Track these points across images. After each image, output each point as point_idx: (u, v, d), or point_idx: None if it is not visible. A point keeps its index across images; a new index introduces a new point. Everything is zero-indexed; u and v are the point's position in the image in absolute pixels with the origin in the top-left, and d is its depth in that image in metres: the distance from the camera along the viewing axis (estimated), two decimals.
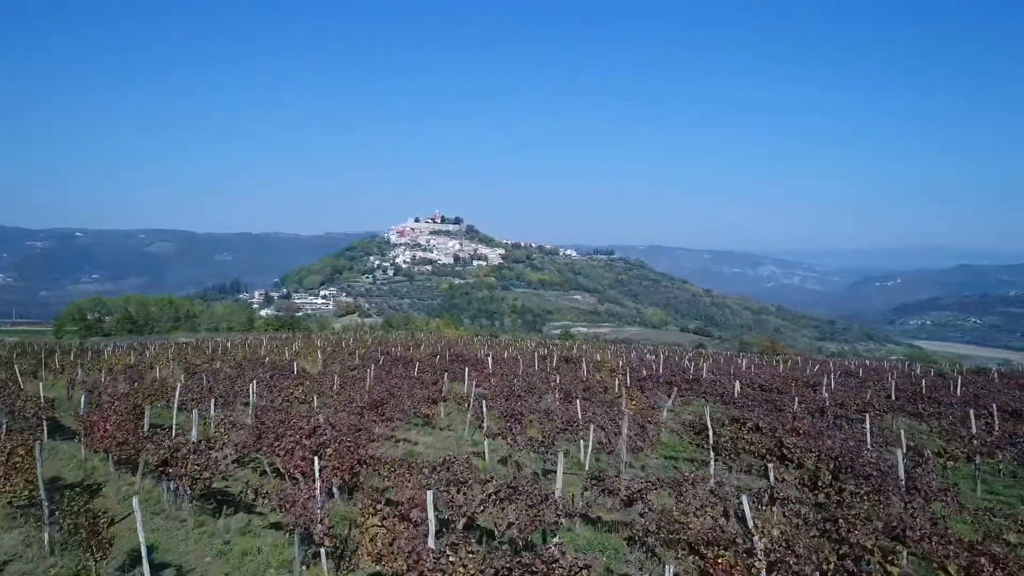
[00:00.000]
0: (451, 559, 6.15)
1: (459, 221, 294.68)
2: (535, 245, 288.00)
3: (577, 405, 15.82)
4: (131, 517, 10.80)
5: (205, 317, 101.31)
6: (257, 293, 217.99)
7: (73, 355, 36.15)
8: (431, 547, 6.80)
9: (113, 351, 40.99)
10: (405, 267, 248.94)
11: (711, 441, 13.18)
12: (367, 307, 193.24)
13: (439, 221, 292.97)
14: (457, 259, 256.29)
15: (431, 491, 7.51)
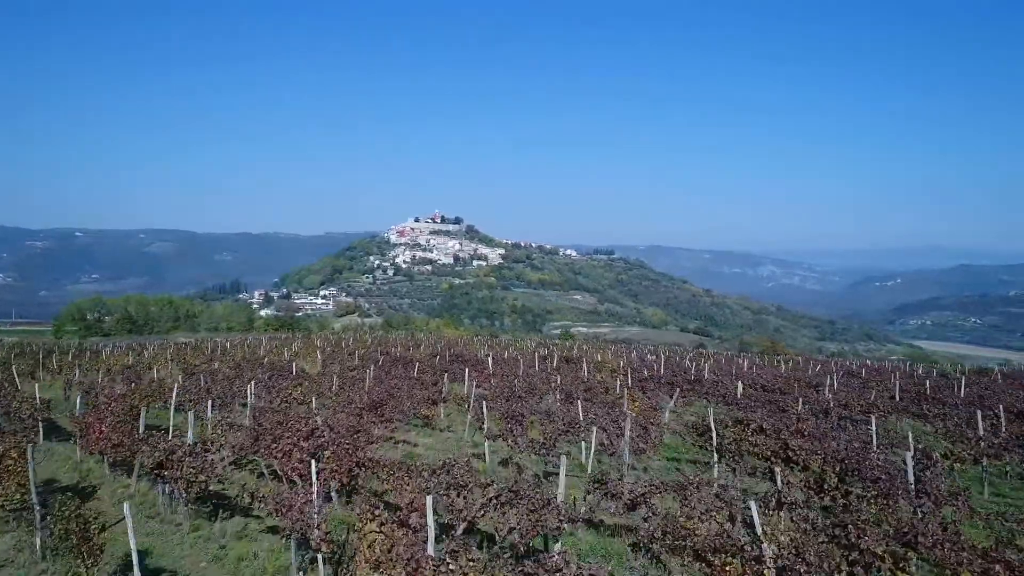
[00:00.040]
0: (451, 567, 5.97)
1: (459, 221, 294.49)
2: (535, 245, 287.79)
3: (578, 406, 15.65)
4: (125, 521, 10.65)
5: (205, 317, 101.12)
6: (257, 293, 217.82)
7: (71, 355, 35.97)
8: (430, 554, 6.63)
9: (112, 351, 40.83)
10: (405, 267, 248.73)
11: (715, 443, 13.00)
12: (367, 307, 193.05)
13: (439, 221, 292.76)
14: (457, 259, 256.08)
15: (430, 496, 7.34)
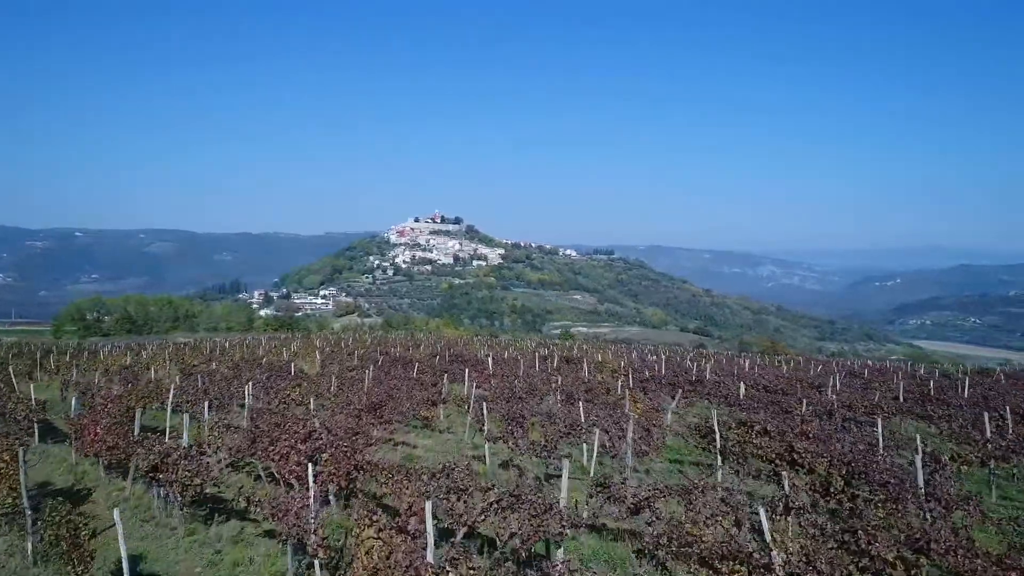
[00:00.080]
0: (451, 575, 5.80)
1: (459, 221, 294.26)
2: (535, 245, 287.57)
3: (580, 407, 15.47)
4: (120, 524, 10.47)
5: (204, 317, 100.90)
6: (257, 293, 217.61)
7: (69, 355, 35.78)
8: (430, 561, 6.45)
9: (110, 352, 40.64)
10: (405, 267, 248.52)
11: (718, 445, 12.82)
12: (367, 307, 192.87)
13: (439, 221, 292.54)
14: (457, 259, 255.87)
15: (430, 501, 7.15)
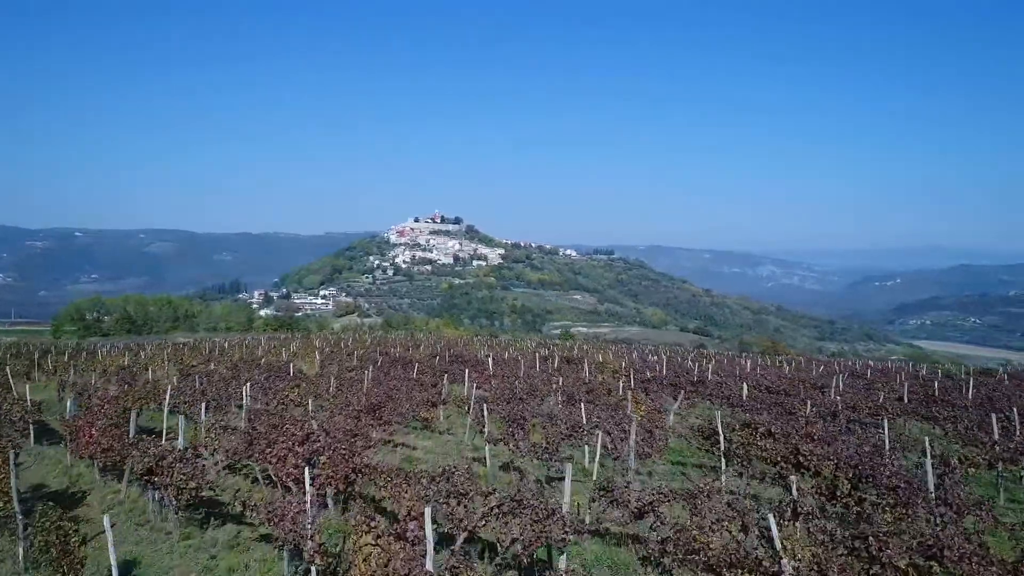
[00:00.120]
0: None
1: (459, 221, 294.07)
2: (535, 245, 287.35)
3: (581, 409, 15.29)
4: (114, 529, 10.28)
5: (204, 317, 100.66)
6: (257, 293, 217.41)
7: (67, 356, 35.58)
8: (429, 569, 6.27)
9: (108, 352, 40.45)
10: (405, 267, 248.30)
11: (722, 448, 12.63)
12: (367, 307, 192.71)
13: (439, 221, 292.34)
14: (457, 259, 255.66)
15: (429, 507, 6.97)
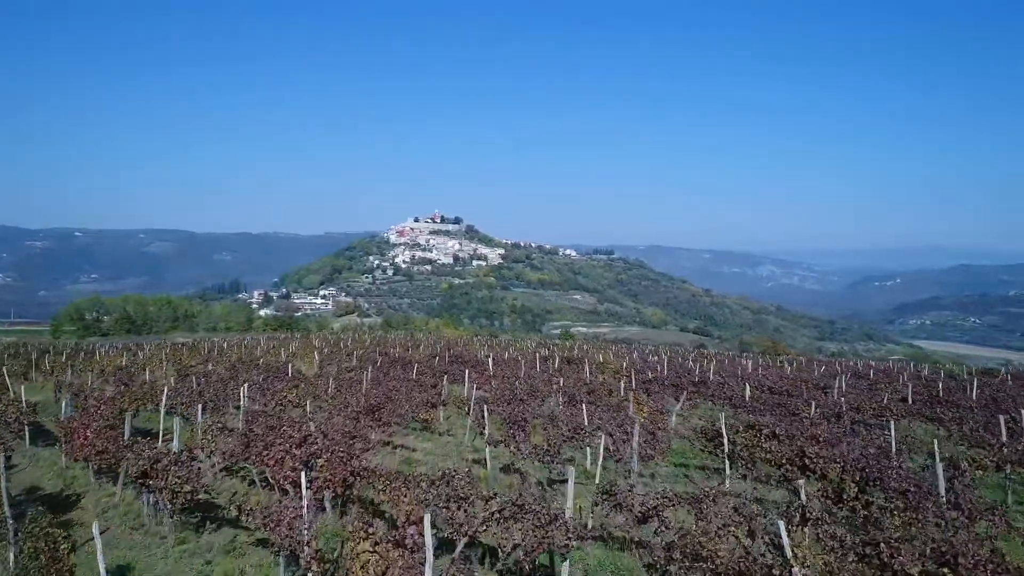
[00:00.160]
0: None
1: (459, 221, 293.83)
2: (535, 245, 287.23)
3: (583, 410, 15.10)
4: (107, 534, 10.11)
5: (203, 317, 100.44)
6: (256, 293, 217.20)
7: (65, 356, 35.37)
8: None
9: (107, 352, 40.24)
10: (405, 267, 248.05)
11: (726, 450, 12.45)
12: (366, 307, 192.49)
13: (439, 221, 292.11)
14: (457, 259, 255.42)
15: (428, 513, 6.79)
